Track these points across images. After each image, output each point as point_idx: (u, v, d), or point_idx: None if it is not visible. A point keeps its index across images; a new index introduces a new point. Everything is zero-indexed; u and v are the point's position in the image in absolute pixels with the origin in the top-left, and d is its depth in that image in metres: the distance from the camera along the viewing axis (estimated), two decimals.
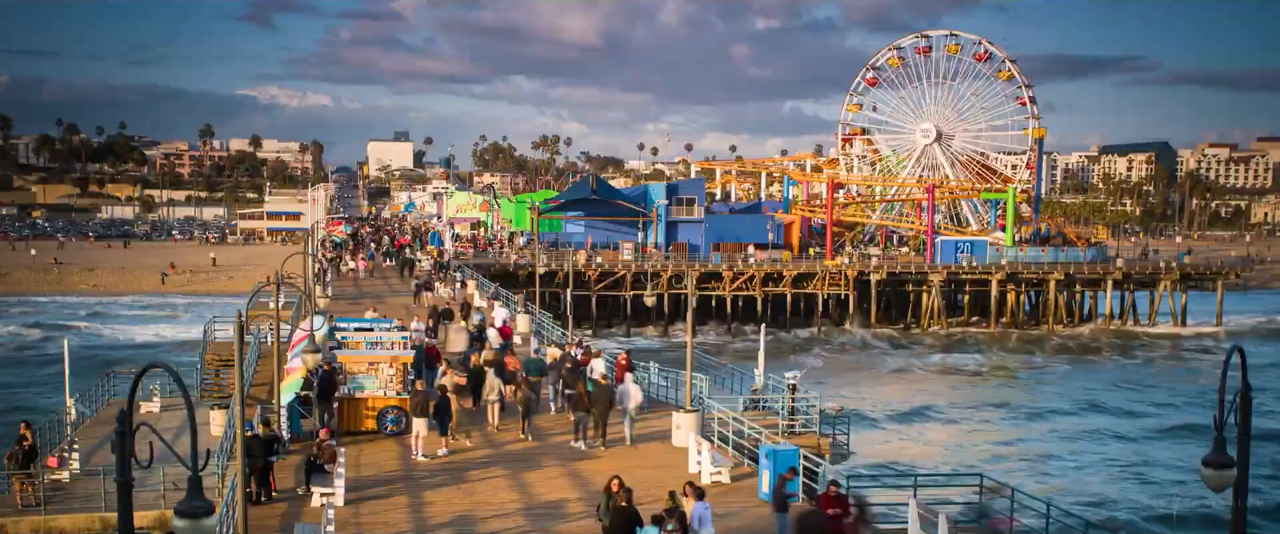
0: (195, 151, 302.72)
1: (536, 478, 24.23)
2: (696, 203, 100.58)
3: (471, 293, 55.21)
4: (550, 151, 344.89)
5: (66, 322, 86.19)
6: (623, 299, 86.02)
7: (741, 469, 24.74)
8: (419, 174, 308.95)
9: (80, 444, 30.17)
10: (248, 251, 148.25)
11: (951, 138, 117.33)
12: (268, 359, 36.18)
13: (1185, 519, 38.03)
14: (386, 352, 30.20)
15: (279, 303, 27.76)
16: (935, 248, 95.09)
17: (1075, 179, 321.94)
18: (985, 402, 61.58)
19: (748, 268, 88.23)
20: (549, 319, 46.65)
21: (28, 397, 57.09)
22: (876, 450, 45.88)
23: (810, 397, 30.41)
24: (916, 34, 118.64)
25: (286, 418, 26.17)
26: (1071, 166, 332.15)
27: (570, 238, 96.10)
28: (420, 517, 21.20)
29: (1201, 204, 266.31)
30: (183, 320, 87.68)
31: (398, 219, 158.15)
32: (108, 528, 24.00)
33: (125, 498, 9.33)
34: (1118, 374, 71.89)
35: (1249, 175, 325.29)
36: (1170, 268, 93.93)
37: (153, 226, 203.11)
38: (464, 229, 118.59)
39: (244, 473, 18.09)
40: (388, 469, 24.54)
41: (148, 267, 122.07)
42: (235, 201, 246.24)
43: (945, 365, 74.31)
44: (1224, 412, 11.63)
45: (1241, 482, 11.86)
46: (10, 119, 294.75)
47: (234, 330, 20.62)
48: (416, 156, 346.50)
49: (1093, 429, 54.02)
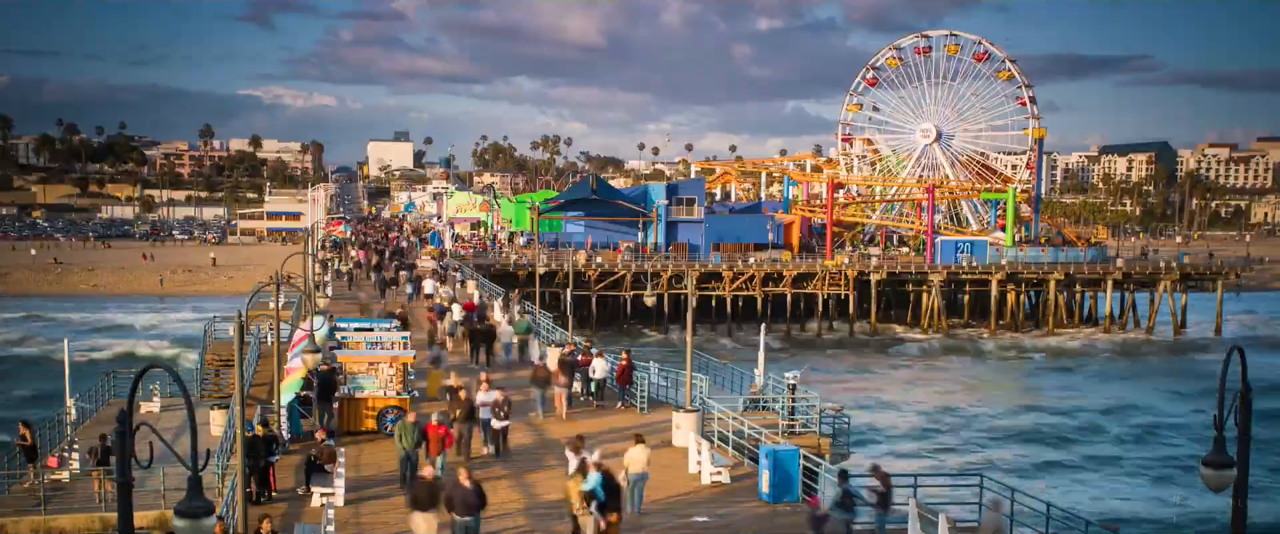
0: (195, 151, 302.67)
1: (538, 478, 24.22)
2: (696, 203, 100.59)
3: (471, 292, 55.29)
4: (550, 151, 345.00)
5: (66, 322, 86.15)
6: (623, 299, 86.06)
7: (741, 469, 24.73)
8: (419, 174, 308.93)
9: (80, 444, 30.16)
10: (248, 251, 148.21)
11: (951, 138, 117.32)
12: (268, 359, 36.20)
13: (1185, 519, 38.03)
14: (386, 352, 30.23)
15: (279, 303, 27.76)
16: (935, 248, 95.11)
17: (1075, 179, 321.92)
18: (986, 401, 61.56)
19: (748, 268, 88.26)
20: (549, 320, 46.63)
21: (28, 397, 57.07)
22: (876, 450, 45.90)
23: (810, 397, 30.41)
24: (916, 34, 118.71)
25: (286, 418, 26.18)
26: (1071, 166, 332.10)
27: (570, 238, 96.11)
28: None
29: (1201, 204, 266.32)
30: (183, 320, 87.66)
31: (398, 219, 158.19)
32: (108, 528, 24.00)
33: (125, 498, 9.33)
34: (1116, 373, 71.92)
35: (1249, 175, 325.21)
36: (1170, 268, 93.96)
37: (152, 226, 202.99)
38: (464, 229, 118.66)
39: (244, 473, 18.09)
40: (388, 469, 24.53)
41: (148, 267, 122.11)
42: (235, 201, 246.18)
43: (945, 365, 74.31)
44: (1224, 411, 11.63)
45: (1241, 482, 11.87)
46: (10, 119, 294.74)
47: (234, 330, 20.62)
48: (416, 156, 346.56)
49: (1093, 427, 54.07)
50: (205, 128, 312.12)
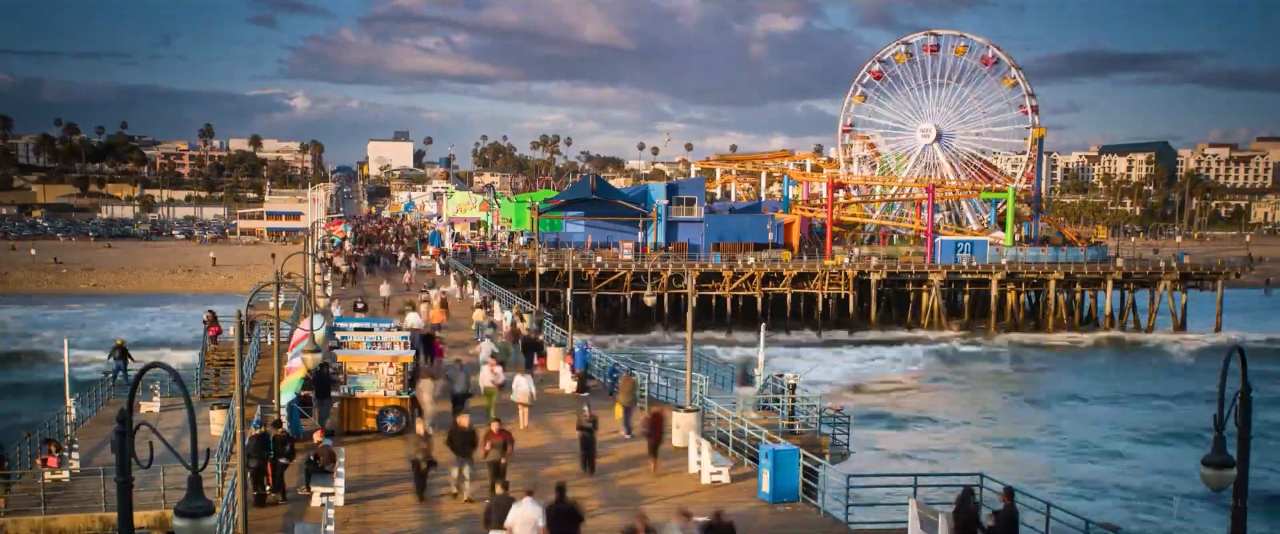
0: (195, 151, 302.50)
1: (543, 477, 24.18)
2: (696, 203, 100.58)
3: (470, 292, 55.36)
4: (550, 151, 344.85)
5: (66, 321, 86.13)
6: (623, 299, 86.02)
7: (741, 469, 24.72)
8: (419, 174, 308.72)
9: (80, 444, 30.15)
10: (247, 251, 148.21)
11: (952, 137, 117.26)
12: (268, 359, 36.19)
13: (1185, 519, 38.02)
14: (386, 351, 30.21)
15: (279, 303, 27.75)
16: (935, 248, 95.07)
17: (1075, 179, 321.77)
18: (986, 401, 61.54)
19: (747, 267, 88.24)
20: (549, 320, 46.62)
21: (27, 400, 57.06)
22: (876, 450, 45.91)
23: (810, 396, 30.41)
24: (925, 31, 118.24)
25: (287, 417, 26.17)
26: (1071, 166, 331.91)
27: (570, 237, 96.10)
28: (422, 516, 21.19)
29: (1201, 204, 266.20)
30: (183, 320, 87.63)
31: (398, 219, 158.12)
32: (108, 528, 24.00)
33: (125, 498, 9.33)
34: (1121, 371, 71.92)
35: (1249, 175, 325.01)
36: (1170, 268, 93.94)
37: (153, 226, 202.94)
38: (464, 229, 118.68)
39: (245, 470, 18.06)
40: (389, 469, 24.53)
41: (148, 267, 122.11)
42: (235, 201, 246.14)
43: (945, 365, 74.30)
44: (1224, 411, 11.63)
45: (1241, 481, 11.86)
46: (10, 119, 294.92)
47: (234, 330, 20.61)
48: (416, 156, 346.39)
49: (1096, 427, 54.05)
50: (205, 128, 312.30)
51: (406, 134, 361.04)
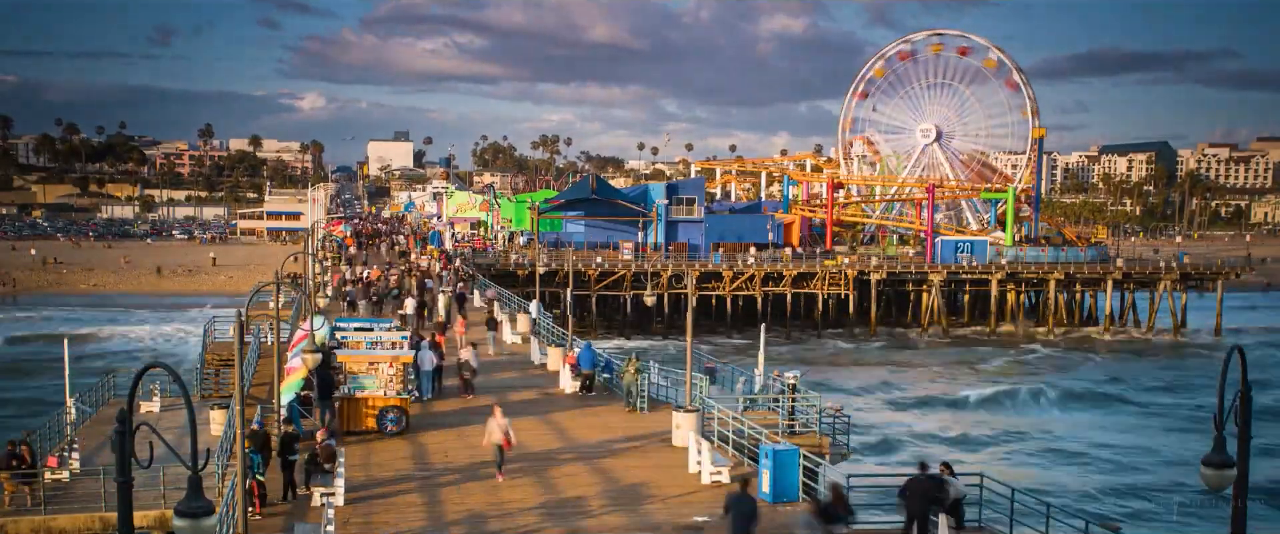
0: (195, 151, 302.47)
1: (544, 477, 24.19)
2: (696, 203, 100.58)
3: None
4: (550, 151, 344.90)
5: (66, 322, 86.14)
6: (623, 299, 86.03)
7: (741, 469, 24.69)
8: (419, 174, 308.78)
9: (80, 444, 30.15)
10: (247, 251, 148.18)
11: (951, 137, 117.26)
12: (268, 359, 36.18)
13: (1185, 520, 38.00)
14: (386, 351, 30.20)
15: (279, 303, 27.75)
16: (935, 247, 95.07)
17: (1075, 179, 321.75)
18: (985, 401, 61.50)
19: (748, 267, 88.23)
20: (549, 320, 46.61)
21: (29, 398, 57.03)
22: (876, 450, 45.89)
23: (810, 396, 30.39)
24: (929, 30, 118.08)
25: (286, 417, 26.16)
26: (1071, 166, 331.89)
27: (570, 237, 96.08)
28: (422, 516, 21.18)
29: (1201, 204, 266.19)
30: (182, 320, 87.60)
31: (397, 219, 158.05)
32: (108, 528, 23.99)
33: (125, 498, 9.33)
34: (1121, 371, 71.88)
35: (1249, 175, 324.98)
36: (1170, 268, 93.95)
37: (153, 226, 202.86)
38: (464, 229, 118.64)
39: (245, 470, 18.05)
40: (390, 468, 24.53)
41: (148, 267, 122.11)
42: (235, 201, 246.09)
43: (945, 365, 74.27)
44: (1224, 411, 11.62)
45: (1241, 481, 11.86)
46: (10, 119, 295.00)
47: (233, 330, 20.60)
48: (416, 156, 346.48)
49: (1096, 425, 54.03)
50: (205, 128, 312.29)
51: (406, 134, 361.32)
